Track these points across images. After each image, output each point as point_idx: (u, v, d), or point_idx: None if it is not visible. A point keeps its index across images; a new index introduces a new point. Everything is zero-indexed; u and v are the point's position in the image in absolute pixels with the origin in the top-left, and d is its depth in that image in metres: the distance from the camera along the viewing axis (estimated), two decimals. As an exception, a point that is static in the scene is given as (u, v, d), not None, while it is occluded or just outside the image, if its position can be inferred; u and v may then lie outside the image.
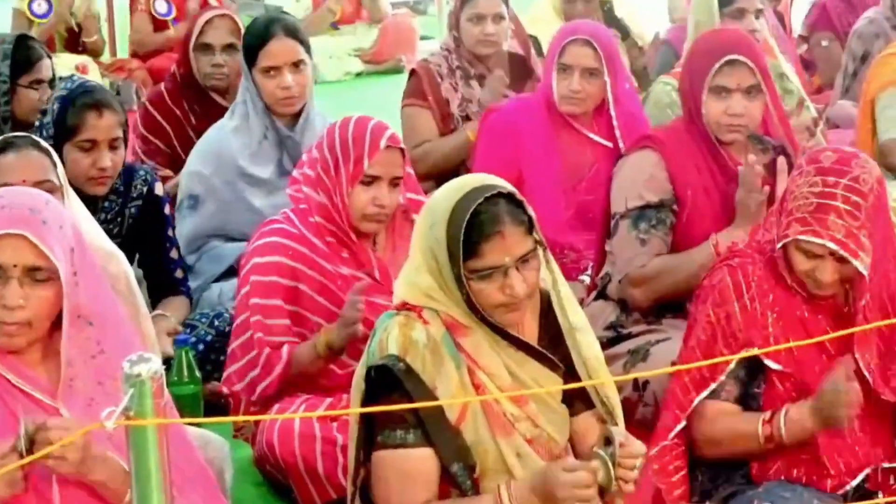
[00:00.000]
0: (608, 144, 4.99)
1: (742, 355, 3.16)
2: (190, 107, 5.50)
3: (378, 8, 10.16)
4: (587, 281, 4.68)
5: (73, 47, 8.76)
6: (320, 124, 4.82)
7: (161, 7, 8.86)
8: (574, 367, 2.99)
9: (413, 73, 5.81)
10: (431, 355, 2.90)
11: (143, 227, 4.42)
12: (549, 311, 3.02)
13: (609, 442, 2.78)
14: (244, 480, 3.86)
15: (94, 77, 8.07)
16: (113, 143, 4.26)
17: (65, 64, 7.88)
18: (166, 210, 4.50)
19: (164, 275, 4.49)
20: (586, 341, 3.00)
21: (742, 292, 3.23)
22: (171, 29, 8.76)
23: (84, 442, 2.62)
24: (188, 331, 4.34)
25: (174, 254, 4.53)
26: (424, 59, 5.93)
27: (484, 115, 5.29)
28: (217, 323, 4.40)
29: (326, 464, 3.66)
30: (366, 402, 2.93)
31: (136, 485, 2.04)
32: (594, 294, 4.49)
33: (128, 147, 4.39)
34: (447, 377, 2.90)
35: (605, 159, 4.89)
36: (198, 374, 4.02)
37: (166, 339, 4.11)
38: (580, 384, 2.95)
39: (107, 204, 4.35)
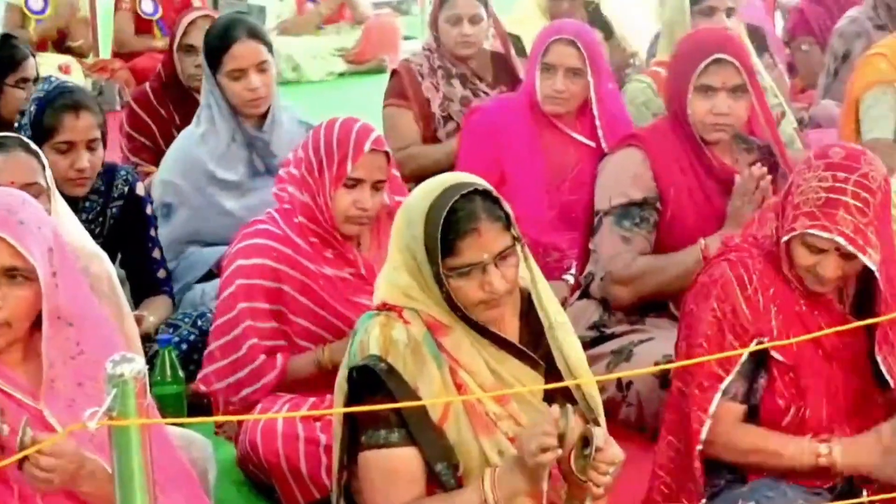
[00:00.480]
0: (591, 144, 4.99)
1: (754, 348, 3.15)
2: (175, 106, 5.49)
3: (359, 10, 10.16)
4: (571, 280, 4.69)
5: (58, 47, 8.75)
6: (288, 120, 4.84)
7: (147, 7, 8.85)
8: (555, 365, 2.97)
9: (394, 73, 5.82)
10: (413, 355, 2.89)
11: (124, 227, 4.41)
12: (530, 309, 3.01)
13: (587, 443, 2.78)
14: (226, 480, 3.84)
15: (78, 77, 8.08)
16: (91, 144, 4.25)
17: (49, 63, 7.86)
18: (148, 210, 4.48)
19: (147, 275, 4.47)
20: (567, 338, 2.98)
21: (745, 285, 3.20)
22: (157, 37, 8.73)
23: (78, 459, 2.62)
24: (171, 331, 4.34)
25: (156, 254, 4.51)
26: (406, 59, 5.95)
27: (467, 114, 5.29)
28: (200, 323, 4.38)
29: (309, 464, 3.66)
30: (349, 403, 2.92)
31: (119, 485, 2.04)
32: (578, 293, 4.49)
33: (106, 147, 4.36)
34: (429, 377, 2.90)
35: (588, 159, 4.89)
36: (181, 374, 4.02)
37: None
38: (563, 384, 2.94)
39: (88, 204, 4.34)
